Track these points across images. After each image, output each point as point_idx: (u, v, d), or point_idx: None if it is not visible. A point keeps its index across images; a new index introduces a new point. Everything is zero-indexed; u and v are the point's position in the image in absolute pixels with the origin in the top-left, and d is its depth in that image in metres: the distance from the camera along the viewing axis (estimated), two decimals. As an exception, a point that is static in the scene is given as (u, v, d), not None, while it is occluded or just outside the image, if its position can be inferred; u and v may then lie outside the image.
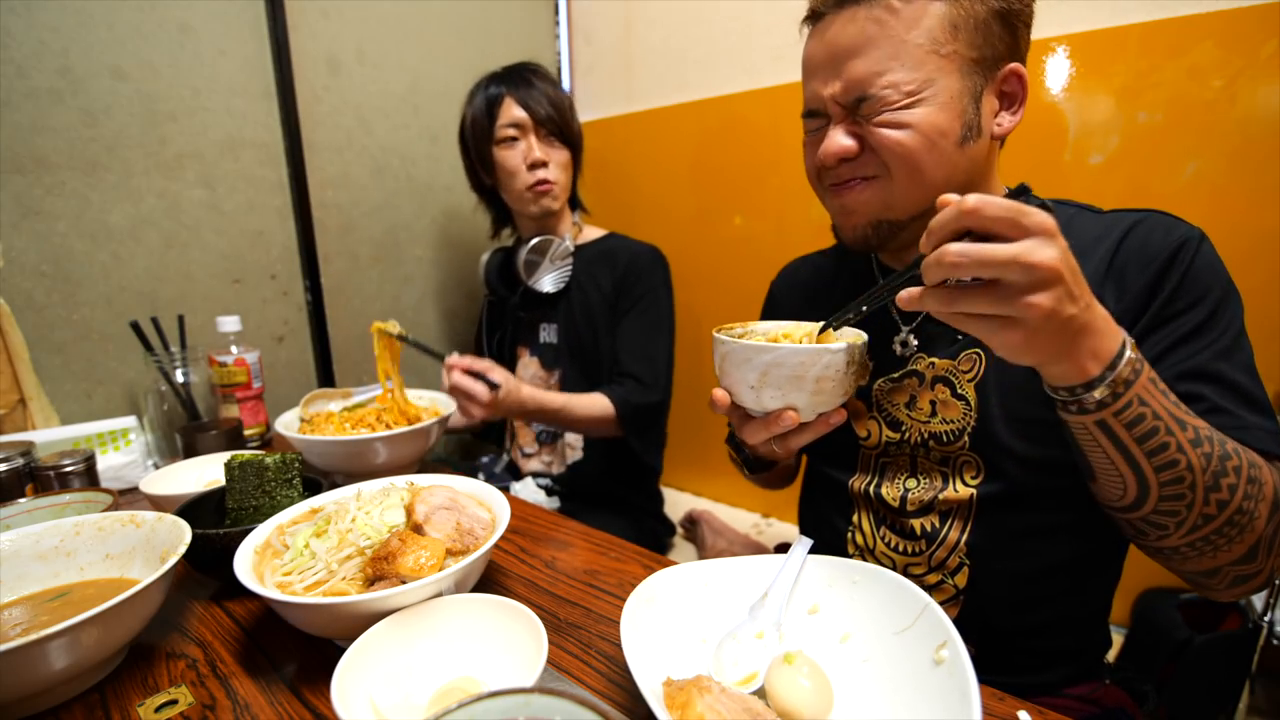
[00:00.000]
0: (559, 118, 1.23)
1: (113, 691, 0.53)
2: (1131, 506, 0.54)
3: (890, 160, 0.63)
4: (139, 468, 1.03)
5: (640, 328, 1.27)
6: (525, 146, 1.23)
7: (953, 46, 0.60)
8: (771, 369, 0.57)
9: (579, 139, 1.29)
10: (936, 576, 0.69)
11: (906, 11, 0.59)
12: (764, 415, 0.60)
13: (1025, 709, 0.48)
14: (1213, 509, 0.51)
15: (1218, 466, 0.50)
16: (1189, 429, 0.50)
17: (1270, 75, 0.94)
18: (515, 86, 1.22)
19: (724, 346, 0.60)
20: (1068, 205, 0.69)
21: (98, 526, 0.64)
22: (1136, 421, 0.49)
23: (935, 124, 0.61)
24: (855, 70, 0.61)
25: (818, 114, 0.67)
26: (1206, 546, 0.54)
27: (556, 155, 1.25)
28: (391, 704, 0.47)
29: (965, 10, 0.60)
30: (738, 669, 0.50)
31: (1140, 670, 1.02)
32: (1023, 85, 0.64)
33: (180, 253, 1.22)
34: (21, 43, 1.01)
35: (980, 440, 0.66)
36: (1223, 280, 0.59)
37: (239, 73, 1.25)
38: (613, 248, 1.33)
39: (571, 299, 1.31)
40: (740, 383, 0.59)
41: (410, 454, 0.99)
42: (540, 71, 1.26)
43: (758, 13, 1.44)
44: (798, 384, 0.57)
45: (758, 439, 0.62)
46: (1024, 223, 0.42)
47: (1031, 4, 0.63)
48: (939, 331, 0.69)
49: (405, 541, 0.57)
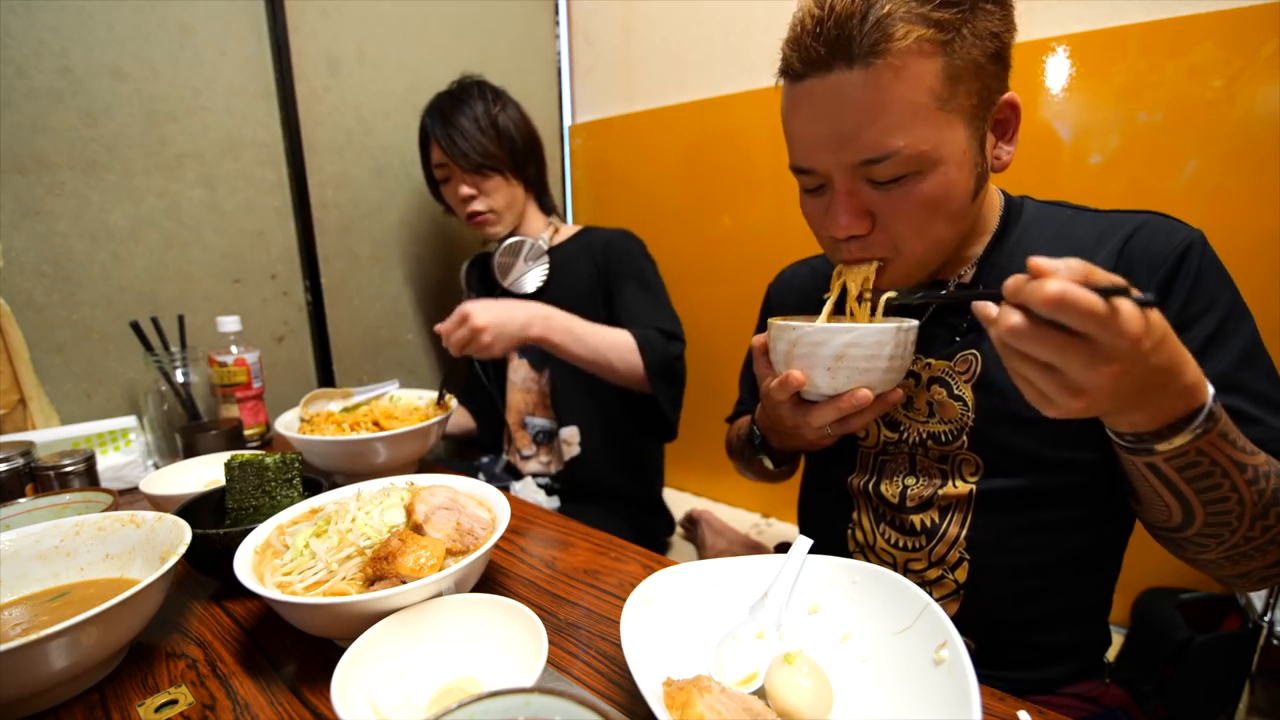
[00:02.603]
0: (484, 148, 1.22)
1: (113, 691, 0.53)
2: (1176, 529, 0.55)
3: (903, 242, 0.61)
4: (139, 468, 1.03)
5: (639, 296, 1.26)
6: (455, 182, 1.26)
7: (956, 99, 0.57)
8: (849, 349, 0.59)
9: (524, 154, 1.29)
10: (937, 572, 0.69)
11: (907, 73, 0.54)
12: (833, 397, 0.62)
13: (1025, 708, 0.48)
14: (1256, 532, 0.52)
15: (1270, 499, 0.51)
16: (1248, 470, 0.50)
17: (1270, 75, 0.94)
18: (437, 123, 1.24)
19: (795, 332, 0.61)
20: (1065, 207, 0.69)
21: (98, 526, 0.64)
22: (1192, 466, 0.49)
23: (950, 187, 0.59)
24: (860, 140, 0.57)
25: (812, 173, 0.63)
26: (1242, 559, 0.54)
27: (488, 185, 1.25)
28: (391, 704, 0.47)
29: (964, 59, 0.56)
30: (738, 669, 0.50)
31: (1140, 670, 1.02)
32: (1016, 113, 0.62)
33: (180, 253, 1.21)
34: (21, 43, 1.01)
35: (979, 440, 0.66)
36: (1229, 283, 0.59)
37: (239, 73, 1.25)
38: (588, 240, 1.34)
39: (555, 295, 1.29)
40: (816, 366, 0.61)
41: (410, 454, 0.99)
42: (470, 93, 1.25)
43: (758, 13, 1.44)
44: (872, 363, 0.59)
45: (824, 420, 0.63)
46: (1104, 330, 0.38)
47: (1016, 30, 0.60)
48: (936, 332, 0.69)
49: (405, 541, 0.57)
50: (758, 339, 0.68)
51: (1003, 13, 0.57)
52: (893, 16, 0.53)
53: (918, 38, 0.54)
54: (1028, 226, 0.68)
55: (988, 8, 0.56)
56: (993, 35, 0.57)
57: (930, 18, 0.54)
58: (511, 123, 1.27)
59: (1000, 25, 0.57)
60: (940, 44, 0.54)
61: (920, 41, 0.54)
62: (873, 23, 0.54)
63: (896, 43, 0.54)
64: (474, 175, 1.24)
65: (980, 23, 0.56)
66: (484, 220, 1.27)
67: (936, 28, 0.54)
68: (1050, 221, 0.68)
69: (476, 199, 1.26)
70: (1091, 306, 0.38)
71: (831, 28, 0.55)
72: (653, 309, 1.25)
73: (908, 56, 0.54)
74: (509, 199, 1.28)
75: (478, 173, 1.24)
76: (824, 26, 0.55)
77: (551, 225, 1.37)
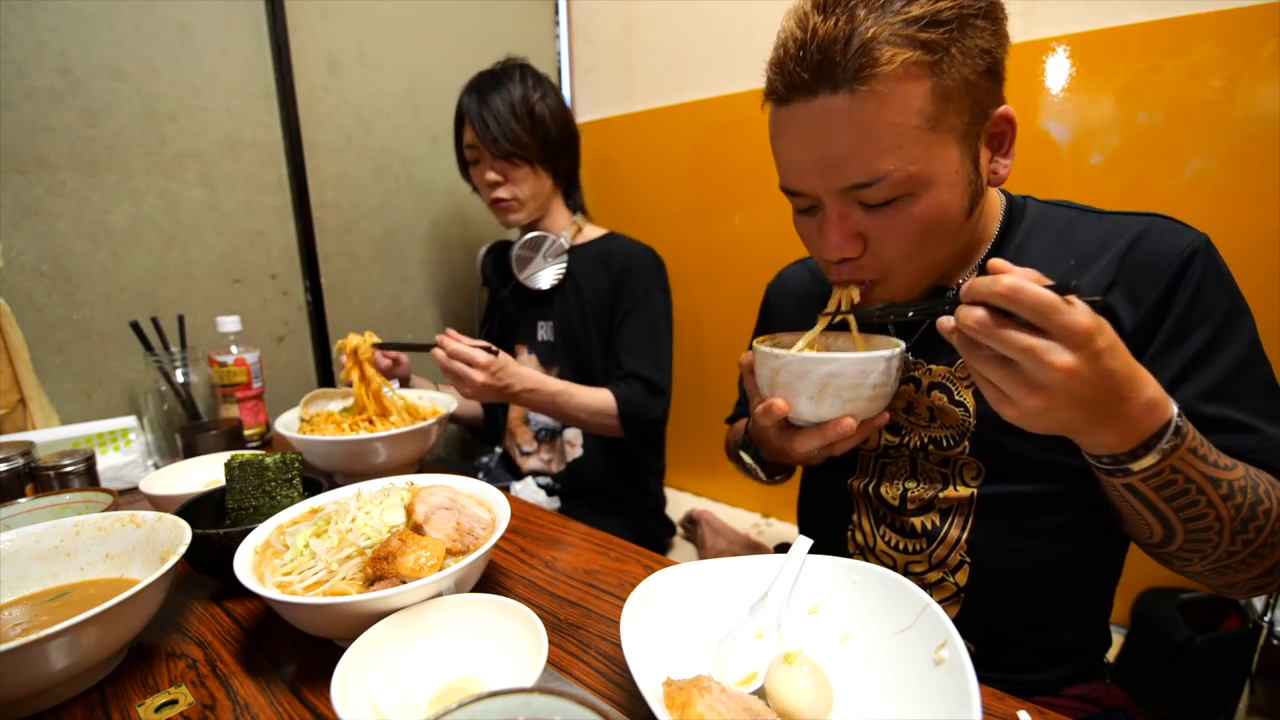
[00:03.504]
0: (516, 136, 1.20)
1: (113, 691, 0.53)
2: (1158, 545, 0.56)
3: (893, 265, 0.61)
4: (139, 468, 1.03)
5: (642, 330, 1.25)
6: (483, 166, 1.24)
7: (947, 118, 0.55)
8: (832, 379, 0.59)
9: (558, 146, 1.26)
10: (937, 574, 0.69)
11: (895, 96, 0.53)
12: (818, 424, 0.62)
13: (1025, 709, 0.48)
14: (1238, 546, 0.53)
15: (1248, 514, 0.51)
16: (1223, 485, 0.50)
17: (1270, 75, 0.94)
18: (475, 102, 1.21)
19: (778, 360, 0.61)
20: (1068, 207, 0.68)
21: (98, 526, 0.64)
22: (1168, 485, 0.50)
23: (942, 208, 0.58)
24: (849, 166, 0.56)
25: (802, 195, 0.62)
26: (1228, 570, 0.55)
27: (515, 173, 1.23)
28: (391, 704, 0.47)
29: (954, 79, 0.54)
30: (738, 669, 0.50)
31: (1140, 670, 1.02)
32: (1011, 126, 0.60)
33: (180, 253, 1.22)
34: (21, 43, 1.01)
35: (981, 445, 0.66)
36: (1232, 289, 0.59)
37: (239, 73, 1.25)
38: (609, 248, 1.31)
39: (567, 297, 1.30)
40: (800, 394, 0.60)
41: (410, 454, 0.99)
42: (510, 76, 1.22)
43: (758, 13, 1.44)
44: (856, 391, 0.59)
45: (809, 447, 0.63)
46: (1054, 320, 0.42)
47: (1009, 43, 0.58)
48: (938, 338, 0.69)
49: (405, 541, 0.57)
50: (745, 357, 0.68)
51: (994, 28, 0.55)
52: (878, 40, 0.51)
53: (904, 61, 0.52)
54: (1029, 230, 0.67)
55: (978, 24, 0.54)
56: (984, 52, 0.55)
57: (917, 39, 0.52)
58: (549, 111, 1.23)
59: (991, 41, 0.55)
60: (928, 65, 0.53)
61: (907, 65, 0.52)
62: (857, 47, 0.52)
63: (883, 67, 0.52)
64: (503, 162, 1.22)
65: (970, 40, 0.54)
66: (507, 207, 1.25)
67: (924, 49, 0.52)
68: (1053, 224, 0.67)
69: (503, 185, 1.24)
70: (1042, 296, 0.42)
71: (815, 51, 0.53)
72: (648, 352, 1.24)
73: (894, 81, 0.52)
74: (535, 189, 1.26)
75: (507, 160, 1.21)
76: (807, 50, 0.54)
77: (575, 224, 1.34)
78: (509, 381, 1.04)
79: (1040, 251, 0.65)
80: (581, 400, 1.15)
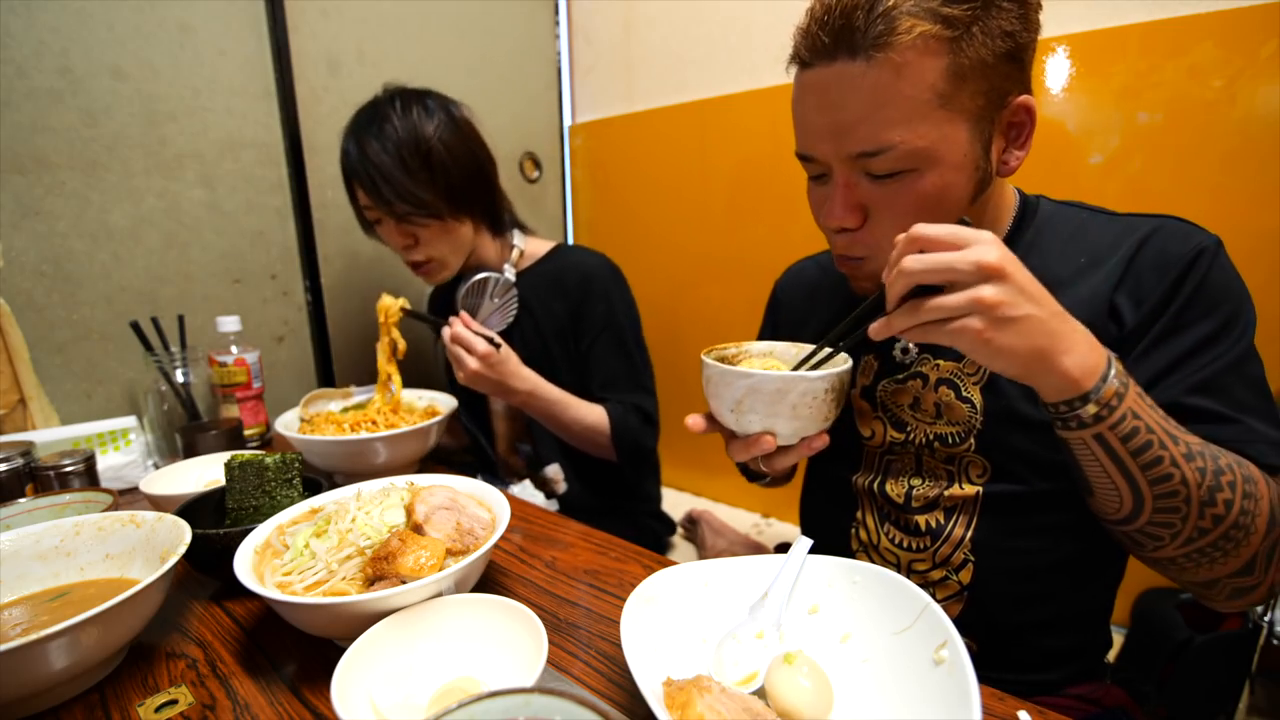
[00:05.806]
0: (413, 195, 1.02)
1: (113, 691, 0.53)
2: (1127, 519, 0.55)
3: (884, 244, 0.60)
4: (139, 468, 1.03)
5: (615, 354, 1.17)
6: (387, 228, 1.09)
7: (960, 98, 0.55)
8: (750, 394, 0.59)
9: (467, 187, 1.08)
10: (941, 572, 0.69)
11: (910, 68, 0.54)
12: (745, 437, 0.62)
13: (1025, 709, 0.48)
14: (1208, 523, 0.52)
15: (1213, 481, 0.51)
16: (1181, 444, 0.51)
17: (1270, 75, 0.94)
18: (357, 154, 1.04)
19: (707, 370, 0.63)
20: (1081, 207, 0.68)
21: (98, 526, 0.64)
22: (1131, 435, 0.50)
23: (946, 188, 0.58)
24: (858, 132, 0.57)
25: (813, 160, 0.63)
26: (1203, 559, 0.54)
27: (425, 233, 1.08)
28: (391, 704, 0.47)
29: (971, 58, 0.54)
30: (738, 669, 0.50)
31: (1140, 670, 1.02)
32: (1031, 116, 0.60)
33: (180, 253, 1.22)
34: (21, 43, 1.01)
35: (987, 443, 0.65)
36: (1237, 291, 0.59)
37: (239, 73, 1.25)
38: (561, 266, 1.19)
39: (523, 327, 1.19)
40: (722, 405, 0.62)
41: (410, 454, 0.99)
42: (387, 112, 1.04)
43: (758, 13, 1.44)
44: (775, 409, 0.59)
45: (740, 458, 0.64)
46: (964, 235, 0.48)
47: (1039, 31, 0.59)
48: None
49: (405, 541, 0.57)
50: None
51: (1021, 11, 0.56)
52: (900, 9, 0.53)
53: (922, 33, 0.53)
54: (1041, 228, 0.67)
55: (1004, 5, 0.54)
56: (1006, 34, 0.55)
57: (939, 13, 0.53)
58: (445, 146, 1.05)
59: (1016, 25, 0.55)
60: (947, 41, 0.53)
61: (925, 38, 0.53)
62: (879, 14, 0.53)
63: (901, 37, 0.53)
64: (407, 224, 1.07)
65: (994, 21, 0.54)
66: (427, 270, 1.13)
67: (944, 24, 0.53)
68: (1066, 223, 0.67)
69: (415, 248, 1.10)
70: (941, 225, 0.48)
71: (838, 17, 0.55)
72: (630, 378, 1.17)
73: (911, 52, 0.53)
74: (453, 243, 1.11)
75: (409, 223, 1.07)
76: (831, 16, 0.55)
77: (513, 246, 1.21)
78: (506, 377, 1.00)
79: (1052, 250, 0.65)
80: (577, 414, 1.10)
